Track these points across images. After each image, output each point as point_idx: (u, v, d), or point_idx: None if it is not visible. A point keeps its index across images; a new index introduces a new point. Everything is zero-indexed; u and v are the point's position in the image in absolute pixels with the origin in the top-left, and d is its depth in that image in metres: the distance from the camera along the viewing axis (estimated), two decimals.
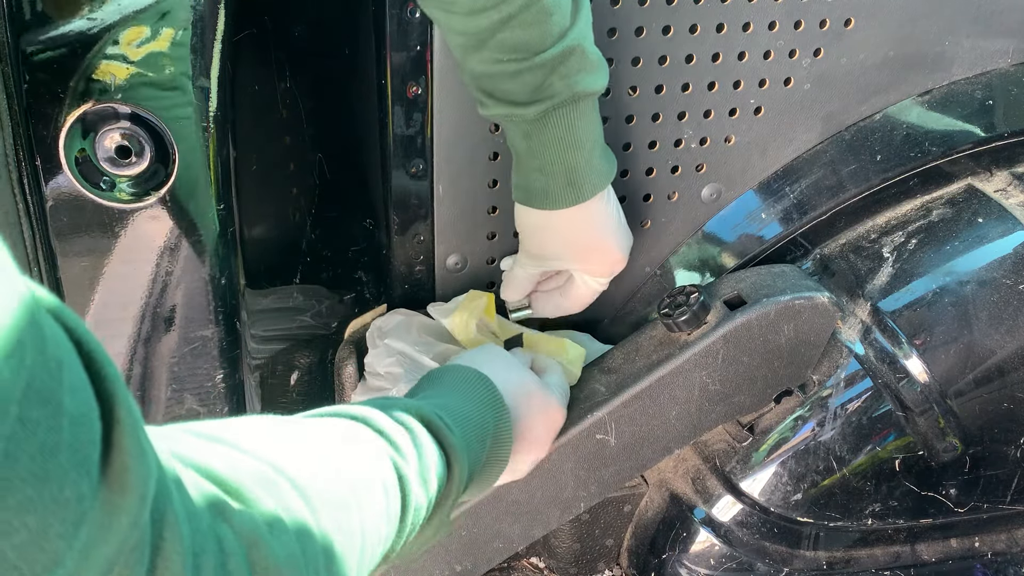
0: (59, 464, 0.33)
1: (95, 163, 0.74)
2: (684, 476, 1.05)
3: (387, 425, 0.63)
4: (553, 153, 0.83)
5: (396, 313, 0.98)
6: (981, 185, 1.05)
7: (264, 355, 1.01)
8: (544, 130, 0.82)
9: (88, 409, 0.35)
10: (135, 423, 0.37)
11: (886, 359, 0.97)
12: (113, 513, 0.36)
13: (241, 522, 0.46)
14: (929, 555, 1.06)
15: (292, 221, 0.96)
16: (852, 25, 0.97)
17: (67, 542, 0.34)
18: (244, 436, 0.52)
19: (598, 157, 0.85)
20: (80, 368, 0.36)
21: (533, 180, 0.85)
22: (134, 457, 0.37)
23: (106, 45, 0.73)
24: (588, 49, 0.80)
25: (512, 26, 0.76)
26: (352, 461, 0.58)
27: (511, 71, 0.79)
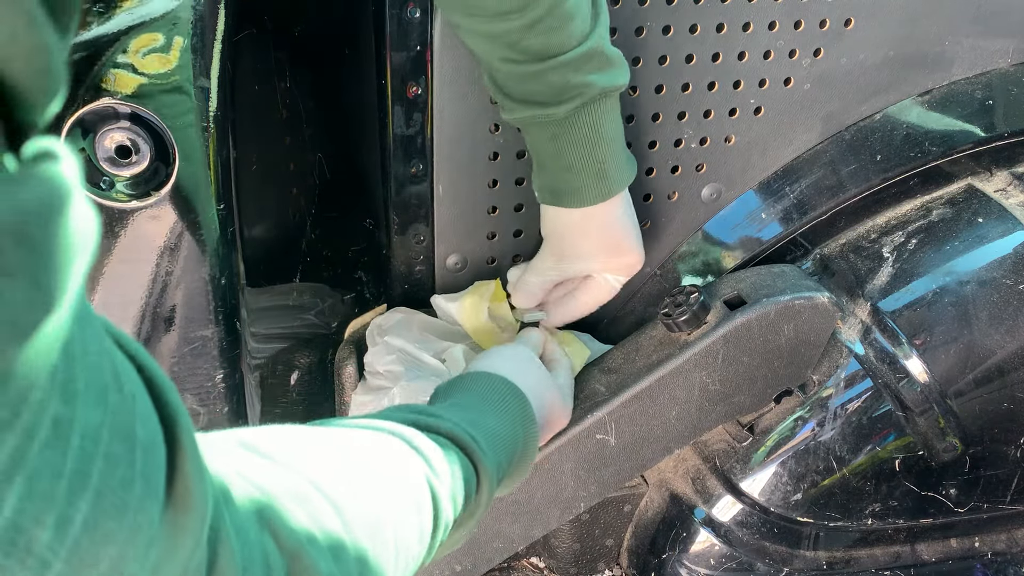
0: (134, 494, 0.34)
1: (95, 163, 0.74)
2: (684, 476, 1.05)
3: (422, 443, 0.63)
4: (583, 150, 0.84)
5: (396, 311, 0.98)
6: (981, 185, 1.05)
7: (264, 355, 1.00)
8: (573, 129, 0.83)
9: (155, 436, 0.36)
10: (195, 446, 0.39)
11: (886, 359, 0.97)
12: (178, 534, 0.37)
13: (284, 536, 0.47)
14: (929, 555, 1.06)
15: (292, 221, 0.96)
16: (852, 25, 0.97)
17: (140, 565, 0.35)
18: (282, 448, 0.53)
19: (623, 151, 0.86)
20: (147, 397, 0.37)
21: (562, 180, 0.86)
22: (195, 479, 0.38)
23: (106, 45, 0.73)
24: (607, 49, 0.81)
25: (537, 31, 0.77)
26: (388, 478, 0.58)
27: (535, 71, 0.79)
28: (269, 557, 0.45)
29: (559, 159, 0.85)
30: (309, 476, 0.52)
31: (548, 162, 0.86)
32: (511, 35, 0.78)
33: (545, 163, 0.86)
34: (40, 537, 0.31)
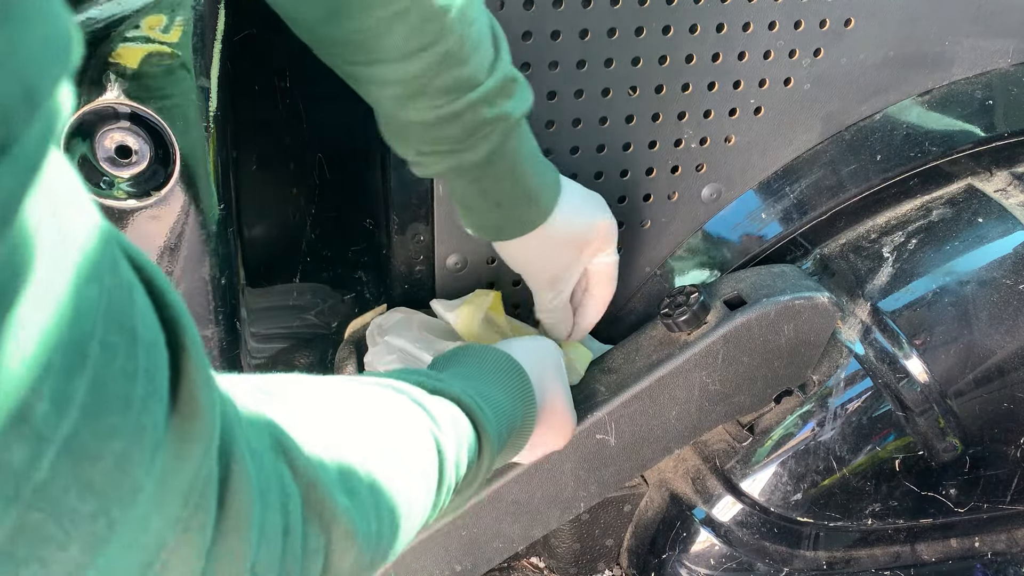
0: (137, 391, 0.33)
1: (95, 163, 0.74)
2: (684, 476, 1.05)
3: (430, 403, 0.62)
4: (509, 183, 0.81)
5: (396, 311, 0.98)
6: (981, 185, 1.05)
7: (264, 355, 1.00)
8: (495, 167, 0.80)
9: (156, 335, 0.34)
10: (199, 350, 0.37)
11: (886, 359, 0.97)
12: (185, 441, 0.36)
13: (300, 464, 0.45)
14: (929, 555, 1.06)
15: (292, 221, 0.96)
16: (852, 25, 0.97)
17: (145, 469, 0.34)
18: (303, 394, 0.52)
19: (542, 164, 0.84)
20: (145, 294, 0.35)
21: (495, 216, 0.84)
22: (201, 384, 0.36)
23: (106, 45, 0.73)
24: (516, 74, 0.78)
25: (449, 65, 0.73)
26: (401, 432, 0.58)
27: (452, 112, 0.76)
28: (285, 483, 0.44)
29: (486, 198, 0.82)
30: (322, 415, 0.51)
31: (477, 203, 0.83)
32: (423, 77, 0.73)
33: (474, 205, 0.84)
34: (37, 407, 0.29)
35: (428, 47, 0.72)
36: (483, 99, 0.76)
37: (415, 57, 0.72)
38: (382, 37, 0.72)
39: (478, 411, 0.66)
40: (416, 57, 0.72)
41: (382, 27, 0.71)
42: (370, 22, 0.71)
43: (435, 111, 0.76)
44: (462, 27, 0.73)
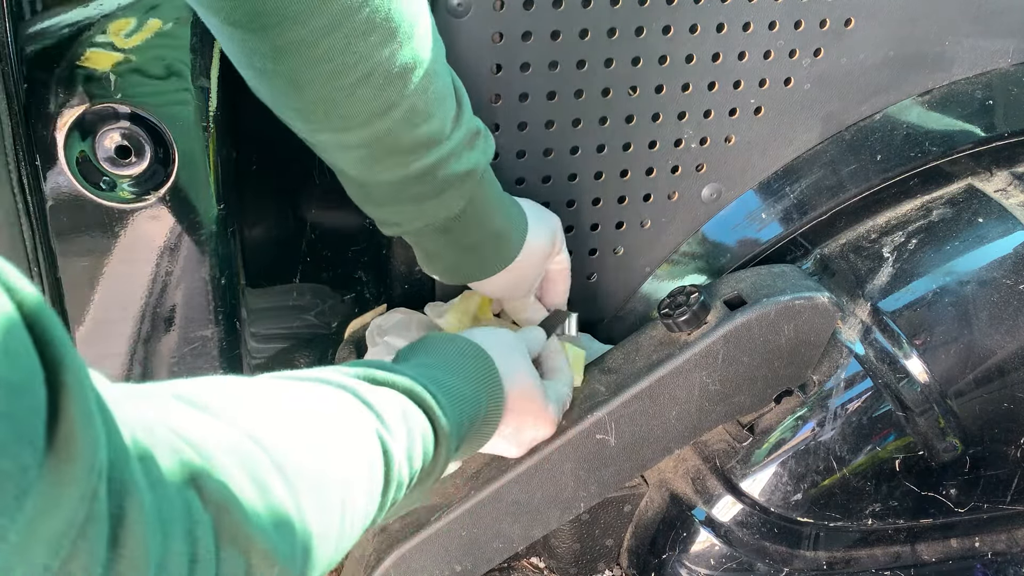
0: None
1: (95, 163, 0.74)
2: (684, 476, 1.05)
3: (375, 399, 0.61)
4: (480, 232, 0.83)
5: (396, 312, 0.98)
6: (981, 185, 1.05)
7: (264, 355, 1.00)
8: (468, 218, 0.81)
9: (30, 375, 0.33)
10: (83, 388, 0.35)
11: (886, 359, 0.97)
12: (60, 484, 0.34)
13: (210, 489, 0.44)
14: (929, 555, 1.06)
15: (292, 221, 0.96)
16: (852, 25, 0.97)
17: (9, 517, 0.32)
18: (224, 401, 0.50)
19: (510, 208, 0.86)
20: (22, 331, 0.33)
21: (462, 262, 0.85)
22: (81, 424, 0.35)
23: (107, 45, 0.73)
24: (479, 124, 0.79)
25: (416, 122, 0.73)
26: (336, 434, 0.56)
27: (423, 168, 0.76)
28: (192, 510, 0.43)
29: (453, 248, 0.84)
30: (246, 428, 0.49)
31: (446, 253, 0.84)
32: (389, 136, 0.73)
33: (441, 254, 0.85)
34: None
35: (392, 107, 0.71)
36: (450, 153, 0.76)
37: (380, 118, 0.72)
38: (346, 103, 0.71)
39: (431, 400, 0.65)
40: (381, 118, 0.72)
41: (345, 93, 0.70)
42: (332, 91, 0.70)
43: (403, 169, 0.75)
44: (425, 83, 0.72)
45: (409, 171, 0.76)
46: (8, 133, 0.72)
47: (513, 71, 0.90)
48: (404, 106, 0.72)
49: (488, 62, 0.88)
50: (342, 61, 0.68)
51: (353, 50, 0.68)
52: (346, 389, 0.61)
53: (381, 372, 0.65)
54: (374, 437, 0.59)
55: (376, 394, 0.62)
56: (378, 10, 0.67)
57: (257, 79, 0.71)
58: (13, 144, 0.73)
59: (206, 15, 0.67)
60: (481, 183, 0.80)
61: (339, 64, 0.68)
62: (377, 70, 0.69)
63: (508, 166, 0.95)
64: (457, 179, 0.78)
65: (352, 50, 0.68)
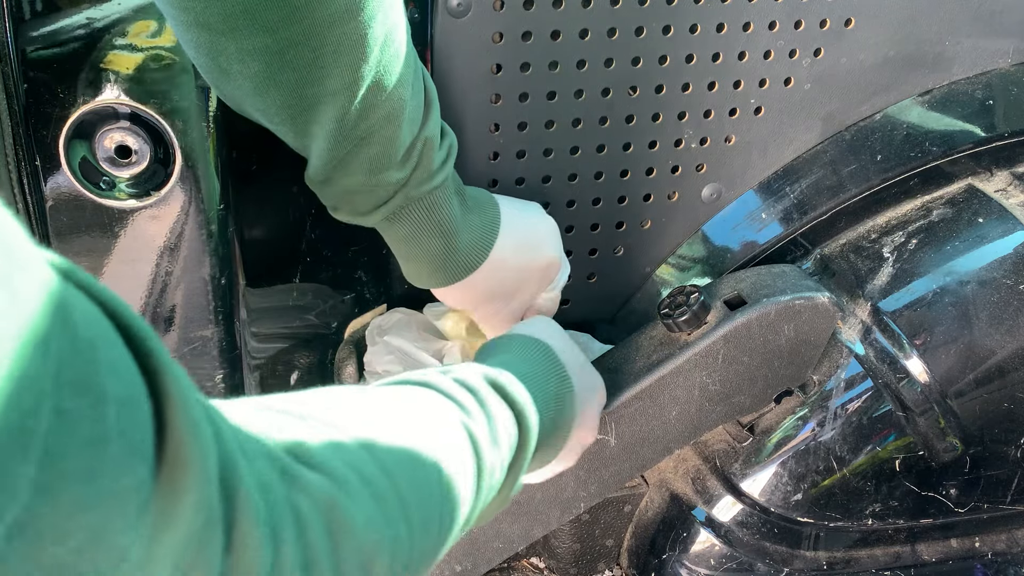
0: (110, 455, 0.30)
1: (95, 163, 0.74)
2: (684, 476, 1.05)
3: (451, 388, 0.61)
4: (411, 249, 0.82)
5: (396, 311, 0.98)
6: (981, 185, 1.05)
7: (264, 355, 1.00)
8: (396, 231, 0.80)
9: (134, 389, 0.32)
10: (186, 396, 0.34)
11: (886, 359, 0.97)
12: (175, 495, 0.34)
13: (316, 489, 0.43)
14: (929, 555, 1.06)
15: (292, 221, 0.96)
16: (852, 25, 0.97)
17: (131, 535, 0.32)
18: (312, 406, 0.50)
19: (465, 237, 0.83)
20: (120, 345, 0.33)
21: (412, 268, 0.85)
22: (189, 432, 0.34)
23: (106, 45, 0.73)
24: (434, 155, 0.78)
25: (373, 141, 0.73)
26: (423, 425, 0.56)
27: (371, 183, 0.76)
28: (301, 513, 0.42)
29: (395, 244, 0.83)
30: (339, 425, 0.49)
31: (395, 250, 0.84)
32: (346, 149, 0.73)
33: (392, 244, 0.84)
34: None
35: (351, 125, 0.71)
36: (400, 173, 0.75)
37: (339, 132, 0.71)
38: (307, 113, 0.71)
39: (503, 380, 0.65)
40: (339, 133, 0.71)
41: (307, 103, 0.70)
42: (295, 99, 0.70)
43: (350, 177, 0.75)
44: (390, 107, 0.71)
45: (357, 179, 0.75)
46: (8, 133, 0.72)
47: (513, 71, 0.89)
48: (363, 126, 0.71)
49: (488, 62, 0.88)
50: (308, 74, 0.68)
51: (320, 64, 0.67)
52: (421, 384, 0.61)
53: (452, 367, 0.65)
54: (459, 425, 0.58)
55: (451, 384, 0.61)
56: (354, 30, 0.66)
57: (221, 79, 0.70)
58: (13, 144, 0.73)
59: (174, 14, 0.66)
60: (427, 195, 0.78)
61: (304, 76, 0.68)
62: (342, 90, 0.69)
63: (508, 166, 0.95)
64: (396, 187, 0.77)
65: (319, 64, 0.67)
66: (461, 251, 0.83)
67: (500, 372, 0.66)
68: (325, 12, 0.65)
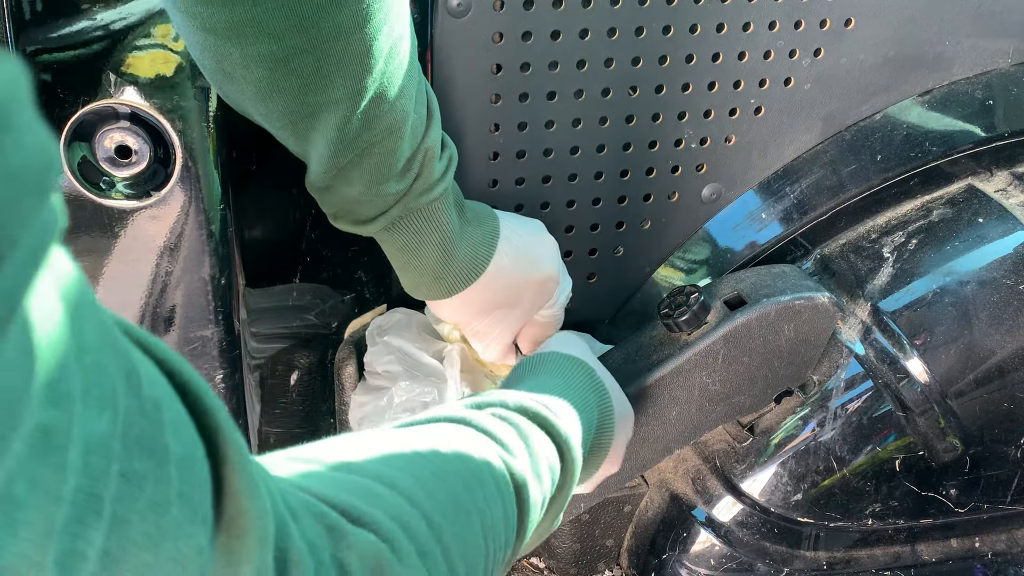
0: (172, 518, 0.29)
1: (95, 163, 0.74)
2: (684, 476, 1.05)
3: (489, 423, 0.59)
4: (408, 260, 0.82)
5: (396, 311, 0.98)
6: (981, 185, 1.05)
7: (264, 355, 1.00)
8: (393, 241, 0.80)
9: (193, 449, 0.31)
10: (243, 458, 0.33)
11: (886, 359, 0.97)
12: (234, 562, 0.33)
13: (363, 545, 0.42)
14: (929, 555, 1.06)
15: (292, 221, 0.96)
16: (852, 25, 0.97)
17: None
18: (346, 454, 0.49)
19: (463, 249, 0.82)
20: (179, 403, 0.32)
21: (408, 278, 0.84)
22: (248, 496, 0.33)
23: (106, 45, 0.73)
24: (435, 166, 0.77)
25: (373, 152, 0.73)
26: (462, 466, 0.54)
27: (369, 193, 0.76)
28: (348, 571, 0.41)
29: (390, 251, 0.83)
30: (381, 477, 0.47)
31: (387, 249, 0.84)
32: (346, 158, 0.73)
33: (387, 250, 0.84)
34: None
35: (352, 135, 0.71)
36: (399, 185, 0.75)
37: (339, 141, 0.71)
38: (308, 120, 0.71)
39: (542, 410, 0.63)
40: (340, 141, 0.71)
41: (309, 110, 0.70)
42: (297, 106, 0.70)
43: (348, 187, 0.75)
44: (392, 119, 0.71)
45: (356, 188, 0.75)
46: None
47: (513, 71, 0.89)
48: (364, 137, 0.71)
49: (488, 62, 0.88)
50: (311, 82, 0.68)
51: (324, 73, 0.67)
52: (458, 421, 0.59)
53: (488, 398, 0.63)
54: (499, 462, 0.57)
55: (488, 420, 0.60)
56: (359, 41, 0.66)
57: (224, 81, 0.70)
58: None
59: (180, 17, 0.66)
60: (427, 206, 0.78)
61: (307, 84, 0.68)
62: (345, 99, 0.69)
63: (508, 166, 0.95)
64: (396, 198, 0.77)
65: (323, 73, 0.67)
66: (458, 263, 0.82)
67: (541, 402, 0.64)
68: (332, 23, 0.65)
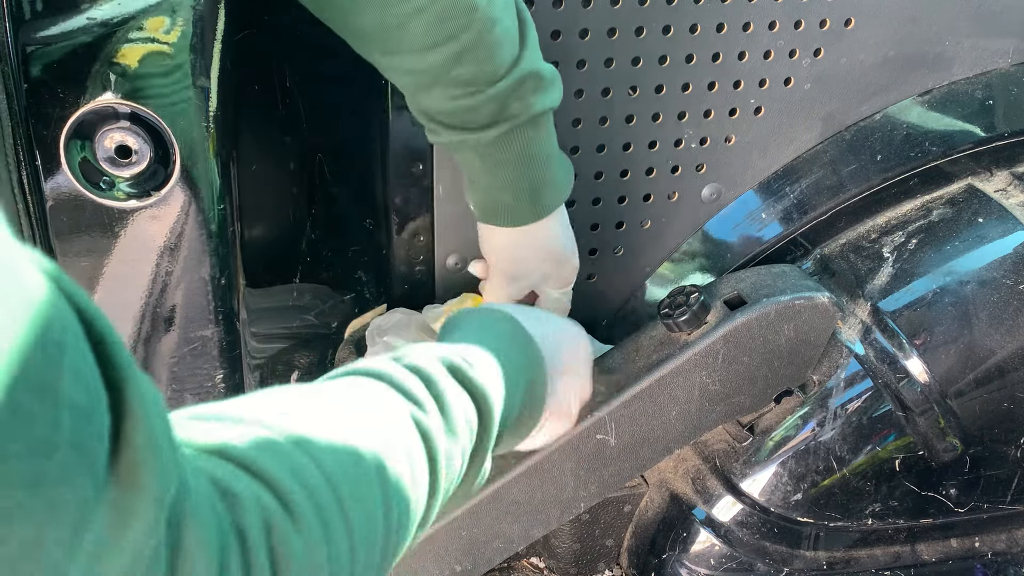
0: (56, 462, 0.29)
1: (95, 163, 0.74)
2: (684, 476, 1.05)
3: (404, 378, 0.58)
4: (515, 171, 0.82)
5: (396, 312, 0.98)
6: (981, 185, 1.05)
7: (264, 355, 1.00)
8: (502, 151, 0.81)
9: (95, 399, 0.31)
10: (150, 414, 0.33)
11: (886, 359, 0.97)
12: (124, 517, 0.32)
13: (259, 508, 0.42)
14: (929, 555, 1.06)
15: (292, 221, 0.96)
16: (852, 25, 0.97)
17: (68, 551, 0.30)
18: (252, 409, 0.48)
19: (556, 169, 0.85)
20: (88, 352, 0.31)
21: (494, 199, 0.85)
22: (148, 452, 0.32)
23: (106, 45, 0.73)
24: (541, 69, 0.79)
25: (465, 61, 0.75)
26: (369, 427, 0.53)
27: (467, 105, 0.78)
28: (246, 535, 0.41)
29: (490, 179, 0.83)
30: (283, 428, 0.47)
31: (479, 180, 0.84)
32: (438, 68, 0.75)
33: (476, 180, 0.85)
34: None
35: (443, 43, 0.74)
36: (499, 94, 0.77)
37: (431, 51, 0.74)
38: (399, 30, 0.74)
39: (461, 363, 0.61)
40: (432, 51, 0.74)
41: (400, 21, 0.73)
42: (388, 17, 0.73)
43: (451, 102, 0.78)
44: (482, 24, 0.74)
45: (455, 104, 0.78)
46: (8, 133, 0.72)
47: None
48: (454, 45, 0.74)
49: None
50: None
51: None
52: (372, 374, 0.58)
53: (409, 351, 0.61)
54: (408, 421, 0.55)
55: (402, 373, 0.58)
56: None
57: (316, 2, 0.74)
58: (13, 144, 0.73)
59: None
60: (524, 128, 0.80)
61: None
62: (433, 5, 0.72)
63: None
64: (503, 113, 0.78)
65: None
66: (557, 178, 0.85)
67: (460, 353, 0.62)
68: None
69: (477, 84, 0.76)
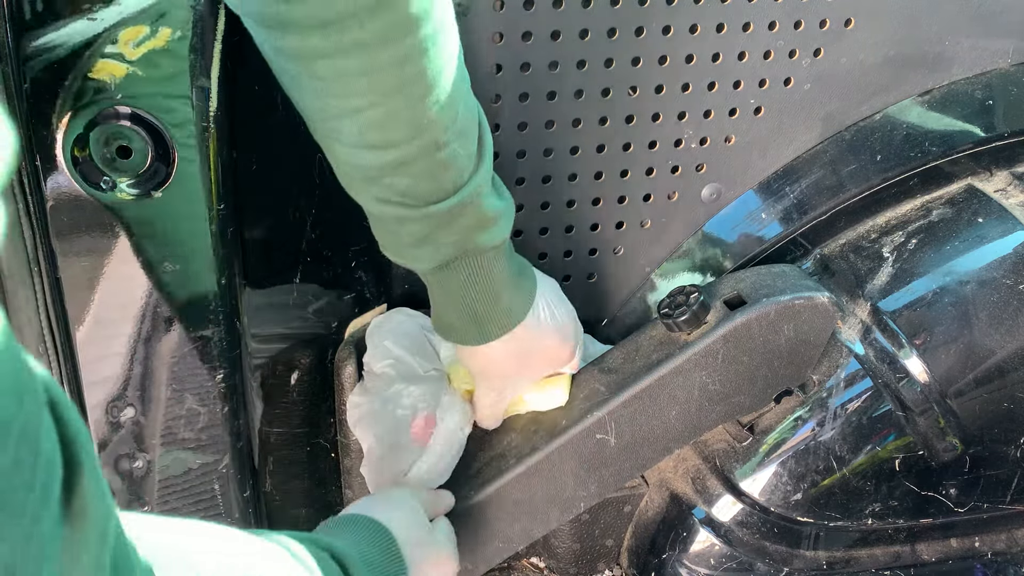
0: (32, 501, 0.34)
1: (95, 163, 0.74)
2: (684, 476, 1.05)
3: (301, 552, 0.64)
4: (453, 298, 0.80)
5: (396, 312, 0.98)
6: (981, 185, 1.05)
7: (264, 355, 1.00)
8: (441, 282, 0.79)
9: (55, 452, 0.37)
10: (95, 469, 0.39)
11: (886, 359, 0.97)
12: (75, 550, 0.37)
13: None
14: (929, 555, 1.06)
15: (292, 221, 0.96)
16: (852, 25, 0.97)
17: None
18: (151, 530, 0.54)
19: (508, 300, 0.81)
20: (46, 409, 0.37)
21: (438, 313, 0.83)
22: (94, 497, 0.38)
23: (106, 45, 0.73)
24: (484, 203, 0.74)
25: (402, 173, 0.70)
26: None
27: (397, 216, 0.73)
28: None
29: (431, 292, 0.82)
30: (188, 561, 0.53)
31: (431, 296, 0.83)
32: (373, 170, 0.71)
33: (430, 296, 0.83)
34: None
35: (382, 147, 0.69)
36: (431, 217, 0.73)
37: (368, 151, 0.70)
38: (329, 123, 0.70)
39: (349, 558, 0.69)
40: (369, 152, 0.70)
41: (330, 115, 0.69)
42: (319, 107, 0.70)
43: (383, 206, 0.74)
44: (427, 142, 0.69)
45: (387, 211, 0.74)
46: None
47: (513, 71, 0.90)
48: (391, 155, 0.69)
49: (488, 62, 0.88)
50: (332, 87, 0.67)
51: (345, 82, 0.66)
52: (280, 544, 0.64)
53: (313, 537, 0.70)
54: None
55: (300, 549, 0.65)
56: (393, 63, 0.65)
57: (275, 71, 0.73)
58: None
59: None
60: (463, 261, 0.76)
61: (329, 88, 0.67)
62: (368, 110, 0.67)
63: (508, 166, 0.95)
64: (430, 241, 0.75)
65: (344, 82, 0.66)
66: (505, 307, 0.81)
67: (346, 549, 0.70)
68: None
69: (412, 198, 0.72)
